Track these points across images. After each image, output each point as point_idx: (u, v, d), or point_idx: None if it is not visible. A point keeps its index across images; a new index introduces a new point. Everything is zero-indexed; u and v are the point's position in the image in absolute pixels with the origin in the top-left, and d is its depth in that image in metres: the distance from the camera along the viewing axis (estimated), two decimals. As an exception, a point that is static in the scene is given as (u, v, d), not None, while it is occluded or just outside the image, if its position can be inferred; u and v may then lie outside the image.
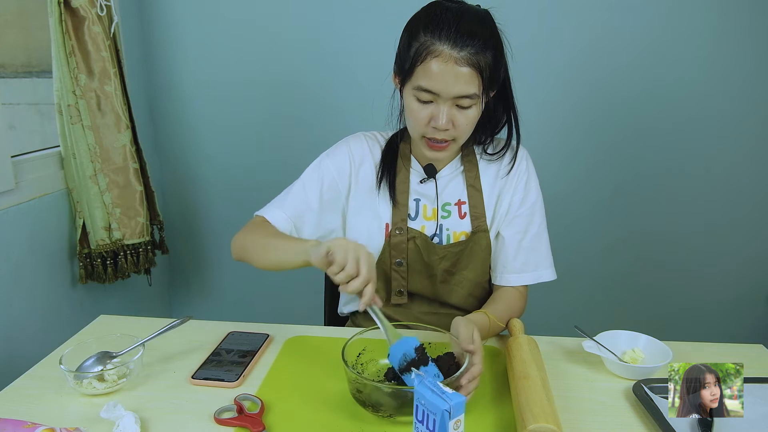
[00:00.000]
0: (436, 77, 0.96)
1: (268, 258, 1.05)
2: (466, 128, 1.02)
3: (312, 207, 1.14)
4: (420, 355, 0.87)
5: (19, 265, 1.47)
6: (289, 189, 1.18)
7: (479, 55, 0.95)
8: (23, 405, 0.90)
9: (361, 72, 1.94)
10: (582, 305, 2.14)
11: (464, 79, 0.95)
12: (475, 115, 1.01)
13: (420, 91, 0.99)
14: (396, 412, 0.83)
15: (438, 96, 0.98)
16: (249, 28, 1.97)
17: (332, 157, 1.17)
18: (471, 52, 0.94)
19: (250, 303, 2.28)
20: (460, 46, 0.94)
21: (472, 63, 0.94)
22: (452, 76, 0.95)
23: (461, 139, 1.05)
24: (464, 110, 1.00)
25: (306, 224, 1.14)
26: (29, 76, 1.71)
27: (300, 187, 1.16)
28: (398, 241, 1.14)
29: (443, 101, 0.98)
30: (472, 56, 0.94)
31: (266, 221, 1.13)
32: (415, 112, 1.02)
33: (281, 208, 1.14)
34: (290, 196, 1.15)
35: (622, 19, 1.85)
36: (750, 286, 2.07)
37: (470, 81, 0.96)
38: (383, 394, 0.82)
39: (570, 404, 0.89)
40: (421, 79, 0.98)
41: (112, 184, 1.65)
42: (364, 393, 0.84)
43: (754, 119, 1.91)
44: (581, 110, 1.96)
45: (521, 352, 0.95)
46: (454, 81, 0.95)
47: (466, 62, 0.94)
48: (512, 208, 1.15)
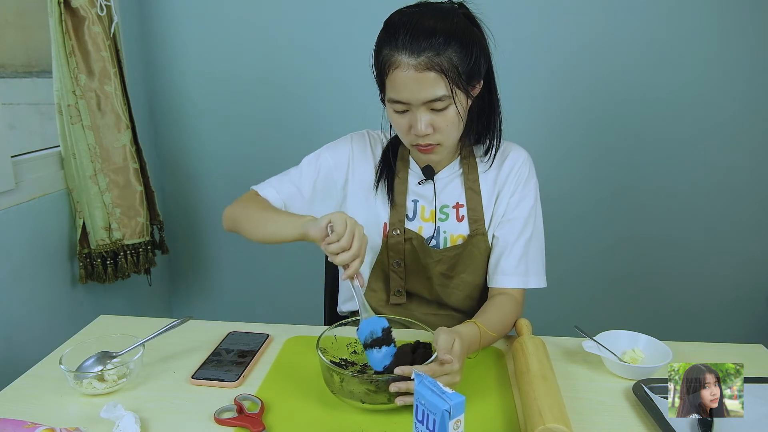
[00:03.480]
0: (401, 87, 0.96)
1: (261, 230, 1.06)
2: (447, 130, 1.01)
3: (304, 194, 1.16)
4: (385, 336, 0.91)
5: (19, 265, 1.47)
6: (287, 171, 1.20)
7: (440, 56, 0.93)
8: (23, 405, 0.90)
9: (361, 71, 1.93)
10: (582, 305, 2.14)
11: (429, 84, 0.94)
12: (454, 116, 0.99)
13: (393, 103, 1.00)
14: (366, 398, 0.84)
15: (410, 104, 0.98)
16: (249, 28, 1.97)
17: (332, 150, 1.19)
18: (429, 55, 0.93)
19: (250, 303, 2.28)
20: (417, 51, 0.93)
21: (432, 66, 0.93)
22: (415, 84, 0.95)
23: (447, 140, 1.04)
24: (441, 112, 0.98)
25: (294, 209, 1.16)
26: (29, 76, 1.71)
27: (297, 172, 1.18)
28: (395, 242, 1.14)
29: (416, 108, 0.98)
30: (430, 59, 0.93)
31: (259, 195, 1.15)
32: (396, 123, 1.03)
33: (275, 188, 1.16)
34: (286, 178, 1.18)
35: (621, 20, 1.85)
36: (750, 287, 2.07)
37: (435, 84, 0.95)
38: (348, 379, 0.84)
39: (570, 404, 0.89)
40: (390, 92, 0.99)
41: (112, 184, 1.65)
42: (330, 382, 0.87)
43: (754, 119, 1.91)
44: (581, 110, 1.96)
45: (538, 352, 0.95)
46: (419, 88, 0.95)
47: (425, 67, 0.93)
48: (508, 209, 1.14)
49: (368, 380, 0.83)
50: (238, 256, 2.23)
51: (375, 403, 0.85)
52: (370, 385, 0.83)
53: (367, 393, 0.84)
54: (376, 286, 1.20)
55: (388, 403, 0.84)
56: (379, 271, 1.18)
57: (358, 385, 0.84)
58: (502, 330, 1.07)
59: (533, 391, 0.84)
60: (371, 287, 1.20)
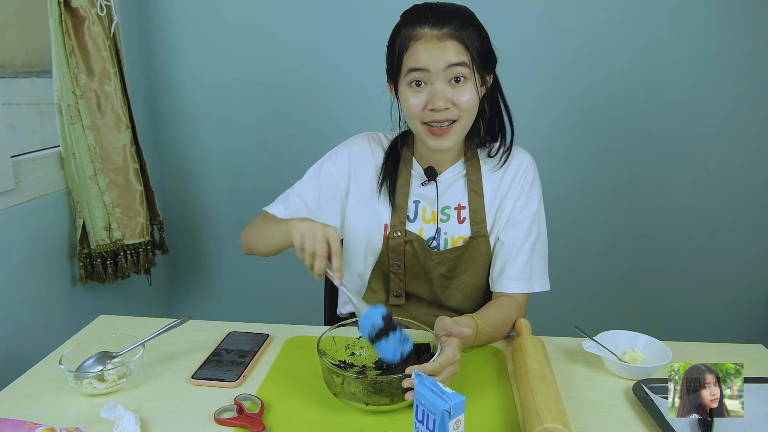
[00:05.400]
0: (422, 54, 0.98)
1: (265, 243, 1.10)
2: (466, 107, 1.01)
3: (309, 206, 1.18)
4: (387, 323, 0.89)
5: (19, 265, 1.47)
6: (292, 189, 1.22)
7: (462, 30, 0.97)
8: (23, 405, 0.90)
9: (362, 72, 1.94)
10: (582, 305, 2.14)
11: (451, 50, 0.97)
12: (472, 92, 1.01)
13: (411, 73, 1.00)
14: (369, 400, 0.84)
15: (429, 73, 0.99)
16: (249, 28, 1.97)
17: (333, 159, 1.20)
18: (452, 27, 0.97)
19: (250, 303, 2.28)
20: (440, 25, 0.97)
21: (455, 36, 0.97)
22: (438, 50, 0.97)
23: (463, 119, 1.03)
24: (459, 87, 1.00)
25: None
26: (29, 76, 1.71)
27: (300, 186, 1.21)
28: (396, 243, 1.14)
29: (435, 78, 0.99)
30: (453, 30, 0.97)
31: (269, 215, 1.18)
32: (411, 102, 1.02)
33: (283, 205, 1.19)
34: (292, 194, 1.20)
35: (621, 20, 1.85)
36: (750, 286, 2.07)
37: (457, 51, 0.98)
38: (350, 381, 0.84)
39: (570, 404, 0.89)
40: (409, 62, 1.00)
41: (112, 184, 1.65)
42: (332, 385, 0.86)
43: (754, 119, 1.91)
44: (581, 111, 1.96)
45: (537, 352, 0.95)
46: (441, 53, 0.97)
47: (448, 36, 0.97)
48: (513, 213, 1.14)
49: (371, 382, 0.83)
50: (238, 256, 2.23)
51: (378, 404, 0.84)
52: (371, 387, 0.83)
53: (369, 394, 0.83)
54: (377, 286, 1.20)
55: (391, 404, 0.84)
56: (379, 272, 1.19)
57: (359, 386, 0.83)
58: (500, 329, 1.07)
59: (531, 392, 0.84)
60: (371, 287, 1.20)
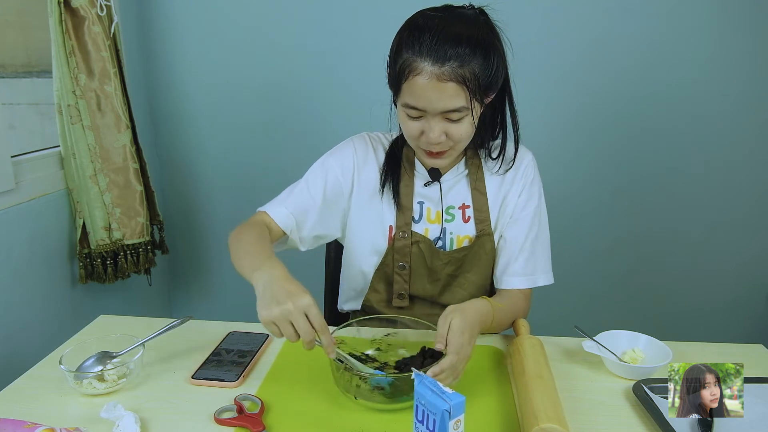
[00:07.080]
0: (420, 95, 0.94)
1: (240, 270, 0.98)
2: (460, 138, 1.00)
3: (316, 203, 1.13)
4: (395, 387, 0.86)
5: (19, 265, 1.47)
6: (292, 187, 1.16)
7: (463, 67, 0.91)
8: (23, 405, 0.90)
9: (361, 73, 1.94)
10: (582, 305, 2.14)
11: (449, 94, 0.93)
12: (468, 126, 0.99)
13: (408, 108, 0.98)
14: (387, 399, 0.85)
15: (425, 112, 0.97)
16: (249, 29, 1.97)
17: (336, 156, 1.17)
18: (453, 66, 0.91)
19: (250, 303, 2.24)
20: (441, 60, 0.91)
21: (455, 77, 0.91)
22: (436, 93, 0.93)
23: (458, 147, 1.04)
24: (455, 122, 0.97)
25: (308, 220, 1.13)
26: (29, 76, 1.71)
27: (304, 184, 1.15)
28: (402, 245, 1.14)
29: (431, 116, 0.97)
30: (455, 70, 0.91)
31: (263, 220, 1.11)
32: (407, 127, 1.02)
33: (283, 204, 1.13)
34: (293, 194, 1.14)
35: (622, 22, 1.85)
36: (750, 286, 2.07)
37: (455, 95, 0.93)
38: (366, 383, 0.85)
39: (570, 404, 0.89)
40: (407, 97, 0.96)
41: (112, 184, 1.65)
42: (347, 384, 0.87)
43: (754, 120, 1.91)
44: (581, 111, 1.96)
45: (535, 352, 0.95)
46: (439, 97, 0.93)
47: (448, 77, 0.91)
48: (516, 209, 1.15)
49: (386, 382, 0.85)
50: (238, 256, 2.23)
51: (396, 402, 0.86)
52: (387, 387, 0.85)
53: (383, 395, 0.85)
54: (380, 287, 1.20)
55: (410, 399, 0.83)
56: (382, 273, 1.18)
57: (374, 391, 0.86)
58: (511, 313, 1.09)
59: (528, 392, 0.84)
60: (374, 288, 1.20)
